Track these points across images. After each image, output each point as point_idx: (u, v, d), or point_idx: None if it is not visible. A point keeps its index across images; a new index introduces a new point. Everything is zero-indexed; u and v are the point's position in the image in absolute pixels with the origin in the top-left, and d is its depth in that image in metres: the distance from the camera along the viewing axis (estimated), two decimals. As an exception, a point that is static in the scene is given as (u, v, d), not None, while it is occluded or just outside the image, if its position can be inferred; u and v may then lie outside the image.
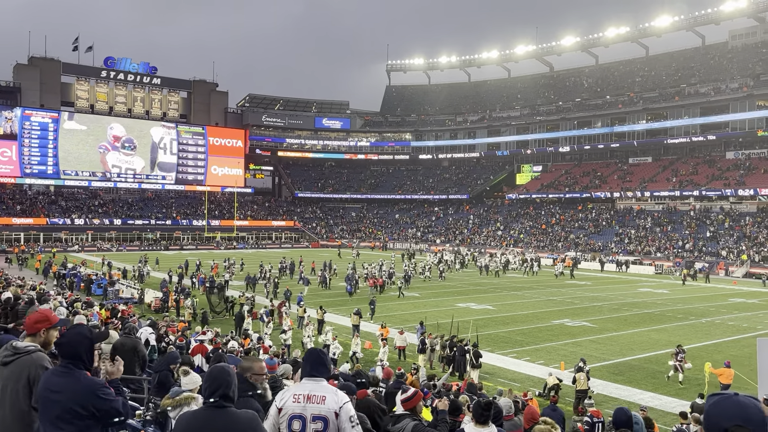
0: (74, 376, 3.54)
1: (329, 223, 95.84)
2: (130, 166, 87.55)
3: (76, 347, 3.62)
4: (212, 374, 3.47)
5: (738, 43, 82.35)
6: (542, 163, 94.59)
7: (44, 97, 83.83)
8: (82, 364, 3.63)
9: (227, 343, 16.69)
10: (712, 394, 2.07)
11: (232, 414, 3.33)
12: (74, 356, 3.61)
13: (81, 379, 3.54)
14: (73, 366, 3.58)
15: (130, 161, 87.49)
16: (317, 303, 30.28)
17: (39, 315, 4.26)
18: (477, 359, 18.28)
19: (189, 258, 56.12)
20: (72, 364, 3.58)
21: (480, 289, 41.62)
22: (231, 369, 3.57)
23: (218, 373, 3.45)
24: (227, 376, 3.43)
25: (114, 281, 36.45)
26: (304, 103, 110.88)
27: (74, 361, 3.60)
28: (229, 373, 3.47)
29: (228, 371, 3.48)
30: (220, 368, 3.51)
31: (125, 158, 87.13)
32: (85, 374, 3.61)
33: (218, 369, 3.50)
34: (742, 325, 28.76)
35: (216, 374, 3.44)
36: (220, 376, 3.42)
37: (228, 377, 3.43)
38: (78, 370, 3.58)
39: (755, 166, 68.82)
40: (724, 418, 1.90)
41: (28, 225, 72.55)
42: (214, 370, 3.49)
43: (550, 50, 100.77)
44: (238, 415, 3.33)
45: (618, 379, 18.85)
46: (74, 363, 3.59)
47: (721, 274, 54.28)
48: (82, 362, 3.63)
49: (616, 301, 36.25)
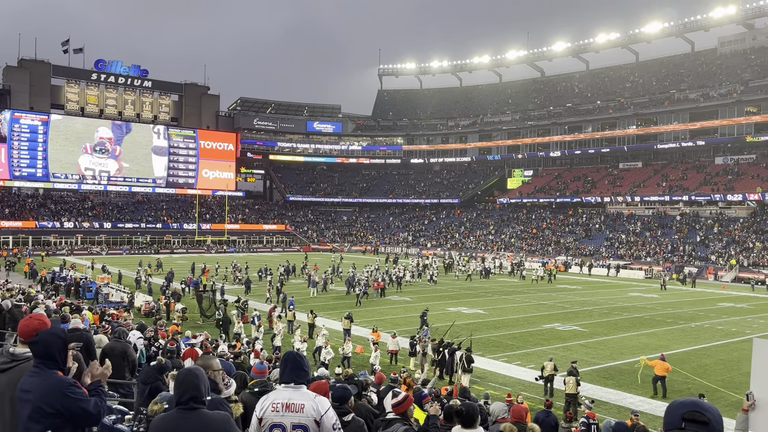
0: (43, 375, 3.53)
1: (321, 226, 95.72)
2: (106, 168, 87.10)
3: (49, 347, 3.60)
4: (180, 377, 3.46)
5: (727, 50, 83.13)
6: (533, 168, 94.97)
7: (34, 100, 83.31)
8: (54, 364, 3.60)
9: (217, 347, 16.61)
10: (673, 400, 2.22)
11: (203, 415, 3.30)
12: (47, 356, 3.59)
13: (48, 378, 3.52)
14: (44, 366, 3.56)
15: (112, 164, 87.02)
16: (313, 306, 30.20)
17: (35, 321, 4.17)
18: (469, 364, 18.28)
19: (181, 262, 55.84)
20: (44, 364, 3.56)
21: (471, 293, 41.67)
22: (200, 371, 3.54)
23: (185, 375, 3.45)
24: (195, 378, 3.41)
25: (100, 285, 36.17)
26: (295, 107, 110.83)
27: (46, 361, 3.57)
28: (197, 375, 3.45)
29: (196, 373, 3.47)
30: (187, 371, 3.50)
31: (106, 161, 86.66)
32: (54, 373, 3.58)
33: (185, 371, 3.49)
34: (730, 330, 28.95)
35: (183, 377, 3.44)
36: (188, 378, 3.41)
37: (196, 379, 3.41)
38: (48, 370, 3.55)
39: (744, 172, 69.43)
40: (682, 406, 2.07)
41: (17, 228, 71.94)
42: (182, 373, 3.49)
43: (542, 55, 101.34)
44: (210, 416, 3.31)
45: (608, 383, 18.91)
46: (45, 363, 3.57)
47: (710, 278, 54.64)
48: (54, 362, 3.61)
49: (607, 306, 36.40)
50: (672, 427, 2.05)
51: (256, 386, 5.93)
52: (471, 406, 5.54)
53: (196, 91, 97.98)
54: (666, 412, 2.13)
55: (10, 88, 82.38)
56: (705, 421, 1.99)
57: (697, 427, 1.99)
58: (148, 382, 7.96)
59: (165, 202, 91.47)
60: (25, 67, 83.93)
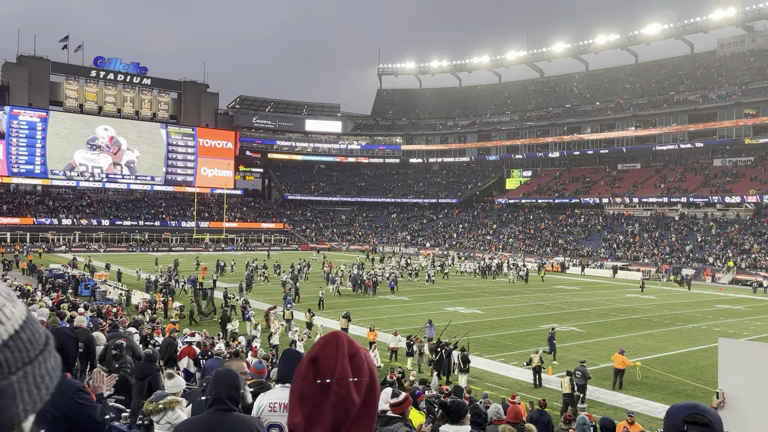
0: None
1: (319, 225, 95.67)
2: (103, 165, 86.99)
3: (62, 348, 3.48)
4: (220, 376, 3.27)
5: (726, 52, 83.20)
6: (532, 169, 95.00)
7: (32, 96, 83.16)
8: (64, 366, 3.50)
9: (214, 345, 16.61)
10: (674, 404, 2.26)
11: (238, 417, 3.19)
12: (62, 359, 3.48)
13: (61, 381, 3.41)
14: None
15: (109, 161, 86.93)
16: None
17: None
18: (465, 364, 18.29)
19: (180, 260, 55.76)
20: None
21: (469, 293, 41.68)
22: (238, 372, 3.43)
23: (225, 375, 3.27)
24: (235, 379, 3.26)
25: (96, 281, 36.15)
26: (295, 106, 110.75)
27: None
28: (237, 376, 3.31)
29: (236, 373, 3.33)
30: (227, 371, 3.34)
31: (104, 158, 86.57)
32: (63, 375, 3.47)
33: (225, 371, 3.33)
34: (728, 331, 28.97)
35: (223, 376, 3.25)
36: (229, 378, 3.24)
37: (236, 379, 3.26)
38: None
39: (742, 174, 69.51)
40: (683, 409, 2.09)
41: (15, 225, 71.84)
42: (221, 373, 3.31)
43: (541, 56, 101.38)
44: (244, 418, 3.22)
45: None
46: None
47: (707, 280, 54.70)
48: (64, 363, 3.49)
49: (604, 307, 36.44)
50: (673, 431, 2.07)
51: (254, 386, 5.92)
52: (457, 402, 5.55)
53: (195, 88, 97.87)
54: (666, 416, 2.16)
55: (9, 84, 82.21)
56: (706, 423, 2.01)
57: (698, 429, 2.01)
58: (145, 377, 7.90)
59: (163, 199, 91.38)
60: (24, 63, 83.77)
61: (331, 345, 1.35)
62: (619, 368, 18.64)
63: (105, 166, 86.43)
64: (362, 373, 1.34)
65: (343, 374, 1.30)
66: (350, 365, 1.33)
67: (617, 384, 18.67)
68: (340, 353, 1.34)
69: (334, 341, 1.36)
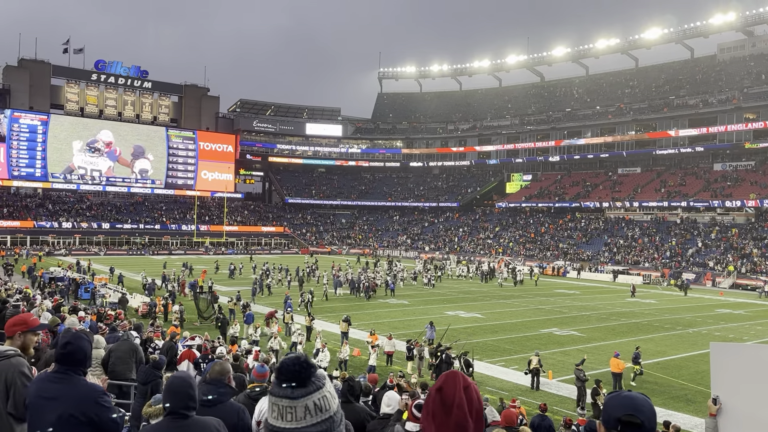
0: (72, 381, 3.41)
1: (319, 229, 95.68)
2: (103, 168, 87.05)
3: (78, 352, 3.49)
4: (173, 386, 3.15)
5: (726, 56, 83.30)
6: (532, 173, 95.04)
7: (33, 100, 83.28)
8: (81, 371, 3.51)
9: (215, 349, 16.58)
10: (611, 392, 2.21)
11: (197, 422, 3.11)
12: (75, 362, 3.48)
13: (79, 385, 3.41)
14: (72, 372, 3.45)
15: (110, 165, 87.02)
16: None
17: (16, 318, 4.17)
18: (468, 368, 18.25)
19: (178, 263, 55.76)
20: (71, 370, 3.45)
21: (469, 297, 41.65)
22: (192, 379, 3.29)
23: (179, 384, 3.15)
24: (189, 388, 3.14)
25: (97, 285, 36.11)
26: (295, 109, 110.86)
27: (73, 368, 3.46)
28: (191, 385, 3.19)
29: (190, 382, 3.21)
30: (180, 379, 3.23)
31: (104, 162, 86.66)
32: (84, 380, 3.49)
33: (179, 379, 3.22)
34: (728, 336, 28.94)
35: (176, 386, 3.13)
36: (182, 387, 3.11)
37: (190, 389, 3.14)
38: (76, 376, 3.45)
39: (742, 178, 69.51)
40: (617, 408, 2.12)
41: (15, 228, 71.84)
42: (175, 382, 3.20)
43: (541, 60, 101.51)
44: (203, 422, 3.14)
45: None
46: (73, 369, 3.46)
47: (708, 284, 54.66)
48: (81, 368, 3.51)
49: (604, 311, 36.40)
50: (609, 426, 2.13)
51: (256, 390, 5.91)
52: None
53: (196, 92, 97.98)
54: (604, 406, 2.20)
55: (9, 87, 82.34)
56: (638, 423, 2.08)
57: (632, 429, 2.08)
58: (148, 382, 7.91)
59: (164, 203, 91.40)
60: (25, 66, 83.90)
61: (450, 379, 1.92)
62: (616, 372, 18.70)
63: (104, 169, 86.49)
64: (473, 402, 1.88)
65: (460, 401, 1.85)
66: (464, 395, 1.86)
67: (617, 388, 18.66)
68: (458, 386, 1.88)
69: (453, 376, 1.93)
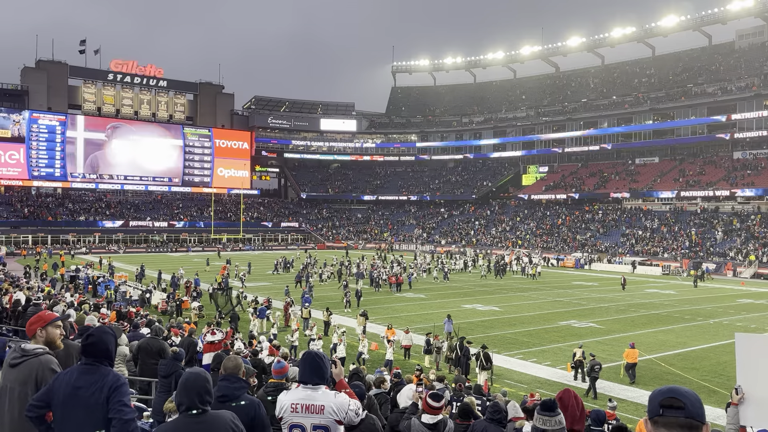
0: (101, 372, 3.63)
1: (335, 224, 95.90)
2: (122, 167, 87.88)
3: (103, 344, 3.69)
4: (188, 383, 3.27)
5: (745, 43, 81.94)
6: (548, 164, 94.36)
7: (51, 100, 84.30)
8: (108, 362, 3.72)
9: (233, 344, 16.69)
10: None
11: (212, 416, 3.24)
12: (102, 354, 3.68)
13: (108, 374, 3.62)
14: (99, 363, 3.66)
15: (127, 163, 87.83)
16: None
17: (33, 317, 4.31)
18: (487, 361, 18.19)
19: (197, 260, 56.15)
20: (98, 361, 3.66)
21: (486, 290, 41.55)
22: (206, 374, 3.41)
23: (194, 379, 3.29)
24: (205, 382, 3.29)
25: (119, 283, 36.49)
26: (309, 105, 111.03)
27: (100, 359, 3.67)
28: (207, 379, 3.33)
29: (205, 377, 3.34)
30: (195, 374, 3.34)
31: (121, 161, 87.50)
32: (111, 369, 3.70)
33: (194, 375, 3.33)
34: (750, 326, 28.60)
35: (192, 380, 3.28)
36: (198, 382, 3.27)
37: (206, 383, 3.29)
38: (104, 366, 3.67)
39: (763, 166, 68.43)
40: (657, 394, 2.23)
41: (36, 227, 72.87)
42: (190, 377, 3.32)
43: (556, 51, 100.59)
44: (219, 416, 3.26)
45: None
46: (100, 360, 3.67)
47: (728, 274, 53.98)
48: (108, 359, 3.72)
49: (623, 302, 36.12)
50: (653, 414, 2.21)
51: (273, 386, 5.95)
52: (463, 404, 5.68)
53: (210, 90, 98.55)
54: (648, 400, 2.28)
55: (28, 88, 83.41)
56: (680, 406, 2.15)
57: (674, 411, 2.15)
58: (170, 374, 7.91)
59: (181, 200, 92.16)
60: (42, 68, 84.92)
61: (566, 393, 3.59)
62: (630, 362, 18.66)
63: (129, 170, 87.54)
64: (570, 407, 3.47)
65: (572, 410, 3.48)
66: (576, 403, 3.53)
67: (632, 378, 18.65)
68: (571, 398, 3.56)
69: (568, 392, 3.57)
